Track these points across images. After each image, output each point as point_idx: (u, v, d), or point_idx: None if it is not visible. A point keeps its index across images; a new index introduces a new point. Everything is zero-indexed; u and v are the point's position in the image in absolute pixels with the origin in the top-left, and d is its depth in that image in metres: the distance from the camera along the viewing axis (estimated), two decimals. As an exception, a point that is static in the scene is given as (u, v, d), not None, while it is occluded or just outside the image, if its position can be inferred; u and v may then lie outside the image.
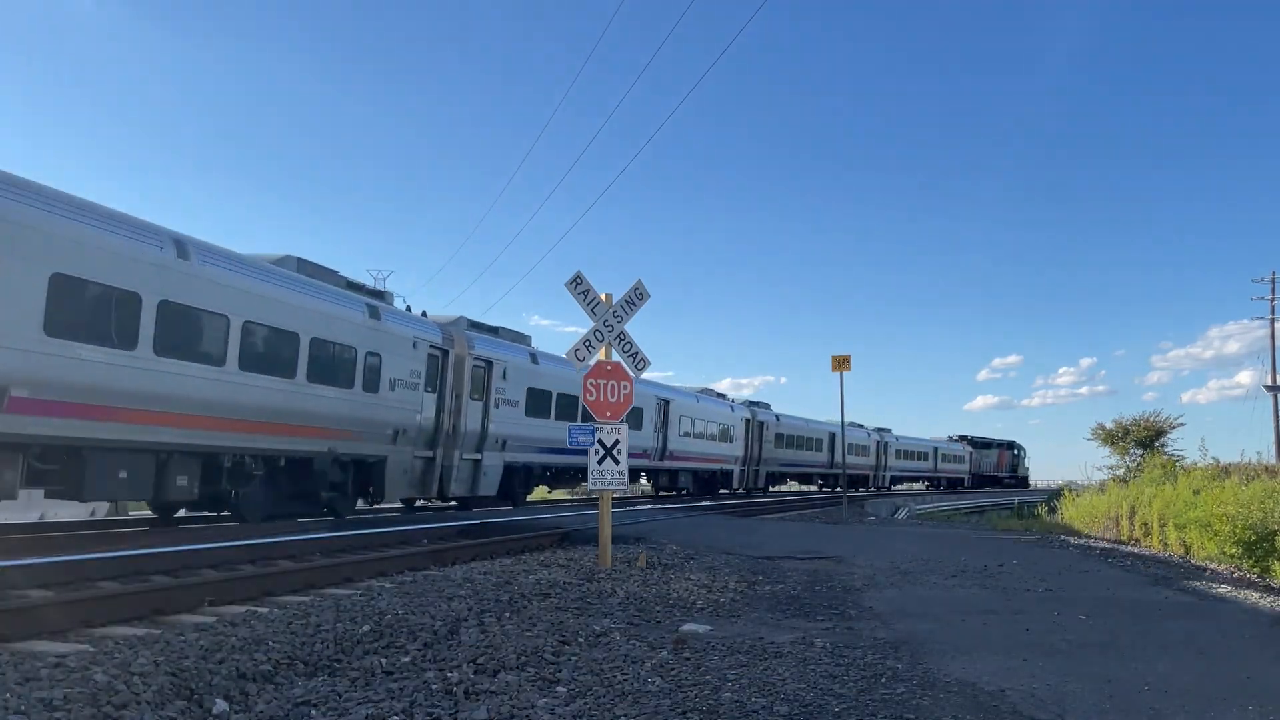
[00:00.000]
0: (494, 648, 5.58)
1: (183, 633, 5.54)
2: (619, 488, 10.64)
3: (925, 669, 5.46)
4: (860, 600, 8.42)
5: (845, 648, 6.06)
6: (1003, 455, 75.24)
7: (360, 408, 14.82)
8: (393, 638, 5.86)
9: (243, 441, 12.65)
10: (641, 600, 7.95)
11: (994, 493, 66.80)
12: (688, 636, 6.33)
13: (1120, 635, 6.85)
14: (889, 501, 42.26)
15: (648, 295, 11.02)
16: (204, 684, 4.52)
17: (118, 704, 4.05)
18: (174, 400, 11.39)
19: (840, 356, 24.51)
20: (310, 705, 4.36)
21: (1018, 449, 77.86)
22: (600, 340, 10.83)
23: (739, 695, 4.69)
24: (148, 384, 11.01)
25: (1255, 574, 13.49)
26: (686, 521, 17.11)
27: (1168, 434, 31.80)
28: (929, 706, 4.58)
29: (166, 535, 11.44)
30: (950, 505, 50.50)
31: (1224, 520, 15.13)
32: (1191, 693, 5.01)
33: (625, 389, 10.74)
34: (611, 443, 10.58)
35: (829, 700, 4.66)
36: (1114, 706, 4.68)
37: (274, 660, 5.07)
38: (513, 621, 6.53)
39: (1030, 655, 5.94)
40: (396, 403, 15.70)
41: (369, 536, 11.59)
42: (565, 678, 5.00)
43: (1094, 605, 8.38)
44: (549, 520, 14.84)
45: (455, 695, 4.57)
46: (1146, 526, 18.29)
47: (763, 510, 25.37)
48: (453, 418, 17.39)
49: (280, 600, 7.29)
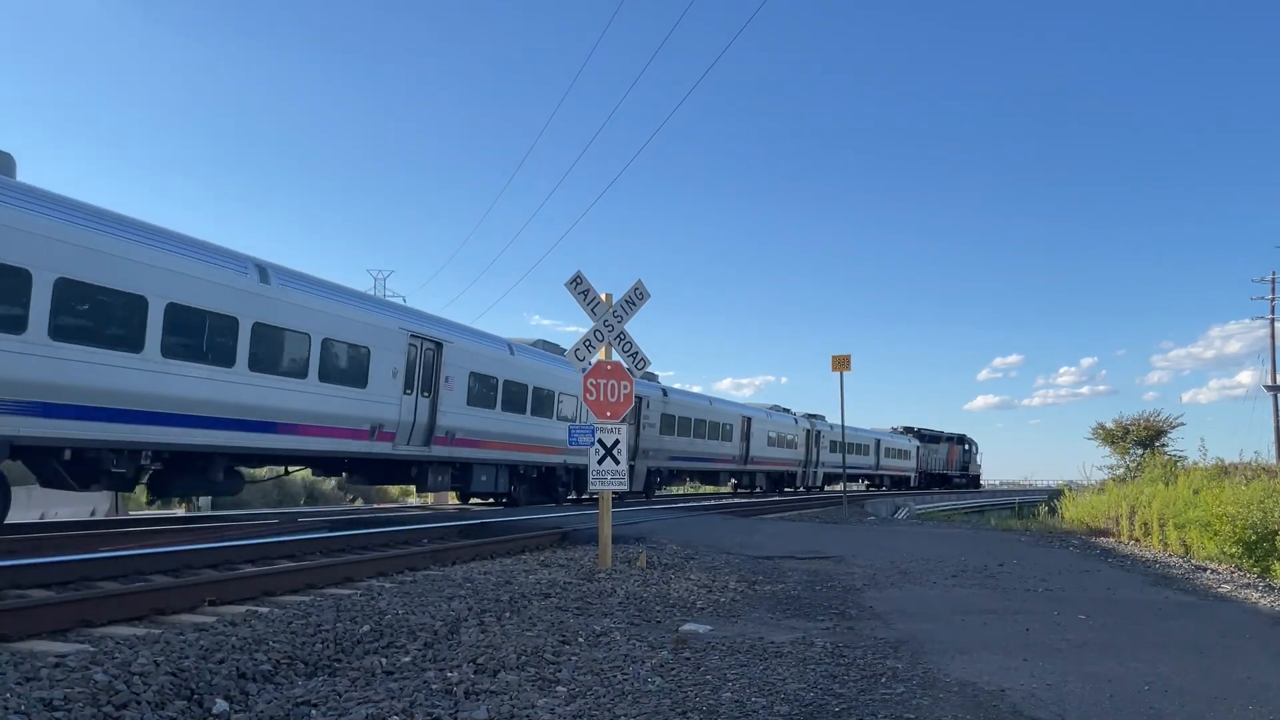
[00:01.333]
0: (494, 647, 5.58)
1: (183, 632, 5.53)
2: (619, 487, 10.64)
3: (925, 669, 5.46)
4: (860, 600, 8.41)
5: (845, 647, 6.06)
6: (953, 451, 65.80)
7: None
8: (393, 637, 5.86)
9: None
10: (642, 600, 7.95)
11: (951, 495, 57.55)
12: (688, 636, 6.33)
13: (1120, 635, 6.85)
14: (889, 501, 42.26)
15: (648, 295, 11.02)
16: (204, 684, 4.51)
17: (118, 704, 4.04)
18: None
19: (840, 356, 24.52)
20: (310, 705, 4.36)
21: (969, 444, 69.38)
22: (600, 340, 10.83)
23: (739, 695, 4.69)
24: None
25: (1255, 574, 13.48)
26: (686, 521, 17.10)
27: (1168, 434, 31.82)
28: (929, 706, 4.58)
29: (166, 535, 11.45)
30: (950, 505, 50.46)
31: (1224, 520, 15.11)
32: (1191, 693, 5.01)
33: (625, 389, 10.74)
34: (611, 442, 10.58)
35: (829, 700, 4.66)
36: (1114, 706, 4.68)
37: (274, 660, 5.06)
38: (513, 621, 6.53)
39: (1030, 655, 5.94)
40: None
41: (369, 536, 11.59)
42: (565, 677, 5.00)
43: (1094, 605, 8.38)
44: (549, 520, 14.84)
45: (455, 695, 4.57)
46: (1146, 526, 18.27)
47: (763, 510, 25.35)
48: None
49: (280, 600, 7.29)
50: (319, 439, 14.04)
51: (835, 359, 24.52)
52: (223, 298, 12.18)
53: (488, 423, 18.74)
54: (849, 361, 24.47)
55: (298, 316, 13.39)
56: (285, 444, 13.47)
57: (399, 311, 16.63)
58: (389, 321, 15.67)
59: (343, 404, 14.43)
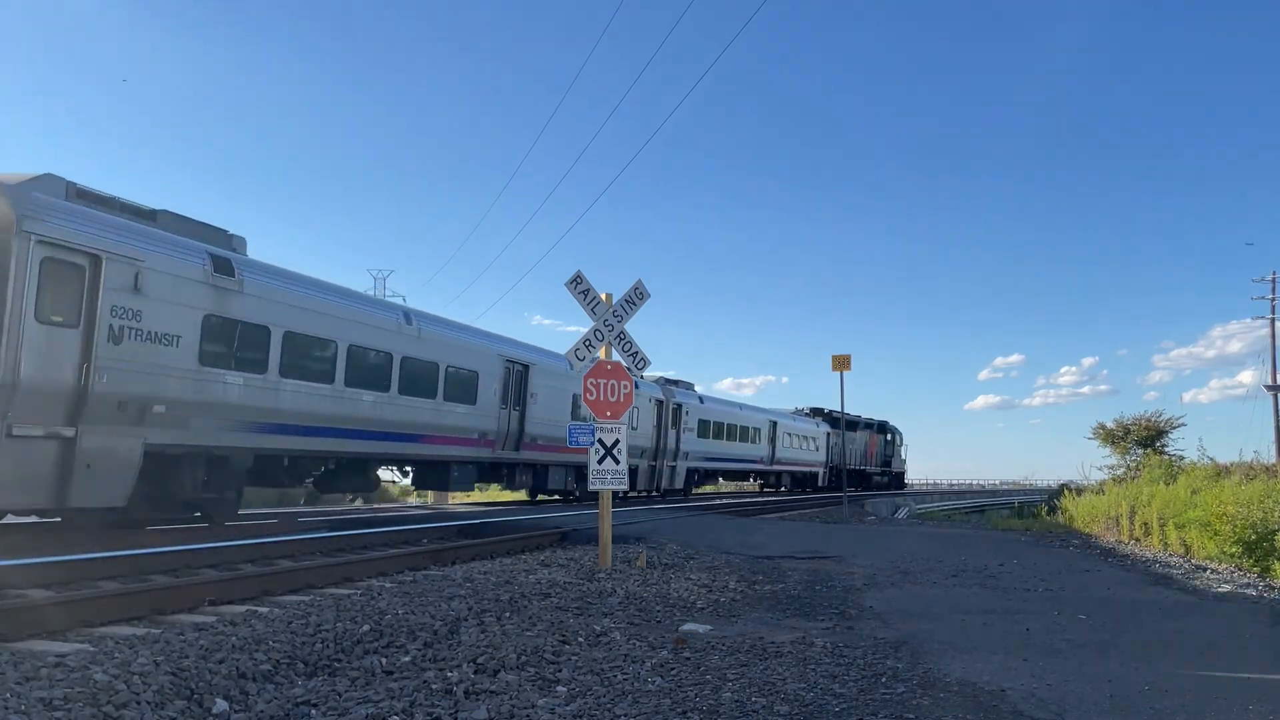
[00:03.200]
0: (494, 647, 5.58)
1: (183, 632, 5.53)
2: (619, 487, 10.64)
3: (925, 669, 5.46)
4: (860, 600, 8.41)
5: (845, 647, 6.06)
6: (872, 442, 50.53)
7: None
8: (393, 637, 5.86)
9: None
10: (642, 600, 7.95)
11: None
12: (688, 636, 6.33)
13: (1120, 635, 6.85)
14: (889, 501, 42.29)
15: (648, 295, 11.02)
16: (204, 683, 4.51)
17: (118, 703, 4.04)
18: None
19: (840, 356, 24.52)
20: (310, 705, 4.36)
21: (891, 433, 54.11)
22: (600, 340, 10.83)
23: (739, 695, 4.69)
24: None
25: (1255, 574, 13.48)
26: (687, 521, 17.10)
27: (1168, 434, 31.79)
28: (929, 706, 4.58)
29: (167, 535, 11.45)
30: (949, 505, 50.42)
31: (1224, 520, 15.11)
32: (1191, 693, 5.01)
33: (625, 389, 10.74)
34: (611, 442, 10.58)
35: (829, 700, 4.66)
36: (1114, 706, 4.68)
37: (274, 660, 5.06)
38: (513, 621, 6.53)
39: (1030, 655, 5.93)
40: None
41: (369, 536, 11.59)
42: (565, 677, 5.00)
43: (1094, 605, 8.38)
44: (549, 520, 14.84)
45: (455, 695, 4.57)
46: (1146, 526, 18.27)
47: (763, 510, 25.36)
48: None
49: (280, 600, 7.29)
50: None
51: (835, 359, 24.52)
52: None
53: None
54: (849, 361, 24.47)
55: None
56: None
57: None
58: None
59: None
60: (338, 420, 14.20)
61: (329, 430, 14.06)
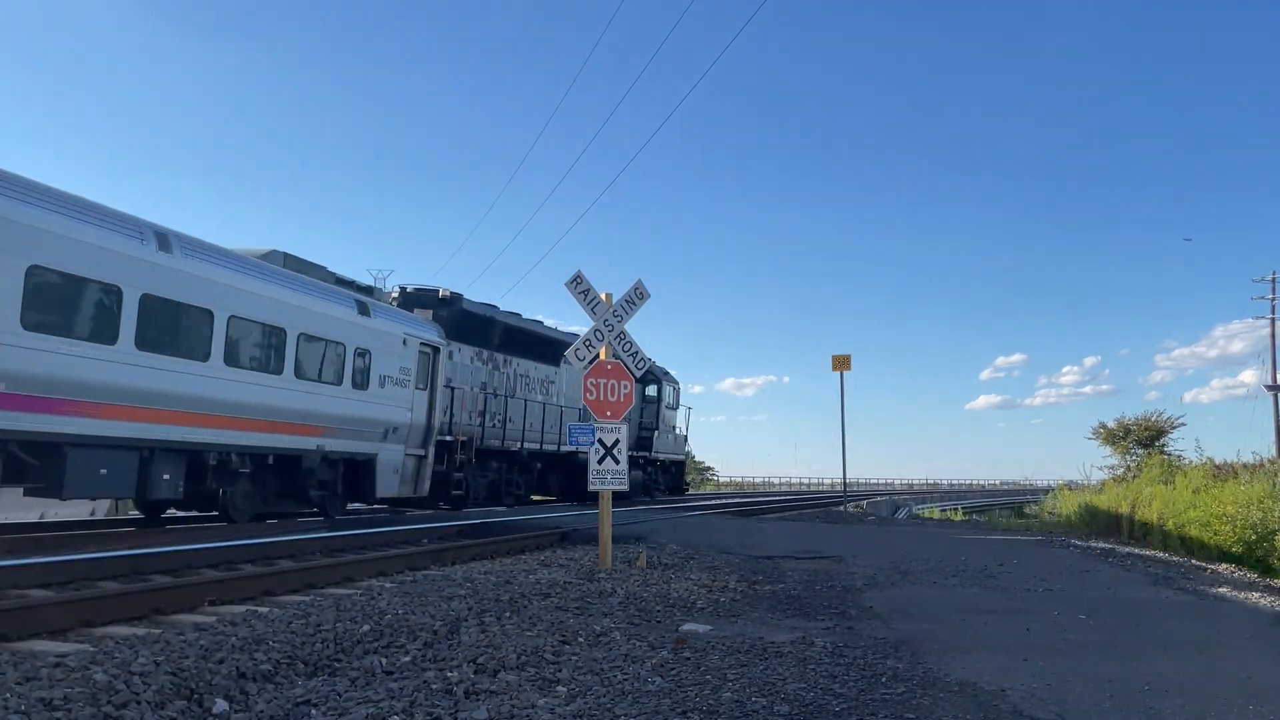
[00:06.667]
0: (494, 647, 5.57)
1: (183, 632, 5.53)
2: (619, 487, 10.63)
3: (925, 668, 5.45)
4: (860, 600, 8.41)
5: (845, 647, 6.06)
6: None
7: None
8: (393, 637, 5.85)
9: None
10: (642, 600, 7.95)
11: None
12: (688, 636, 6.33)
13: (1120, 635, 6.85)
14: (889, 500, 42.30)
15: (648, 295, 11.01)
16: (204, 683, 4.51)
17: (118, 703, 4.04)
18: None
19: (840, 356, 24.55)
20: (310, 705, 4.35)
21: (657, 383, 28.84)
22: (600, 340, 10.82)
23: (739, 695, 4.69)
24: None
25: (1255, 574, 13.48)
26: (686, 521, 17.10)
27: (1168, 434, 31.79)
28: (929, 706, 4.58)
29: (167, 535, 11.45)
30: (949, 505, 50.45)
31: (1224, 520, 15.11)
32: (1191, 692, 5.01)
33: (625, 388, 10.74)
34: (611, 442, 10.57)
35: (829, 700, 4.66)
36: (1114, 706, 4.68)
37: (274, 660, 5.06)
38: (513, 621, 6.53)
39: (1030, 655, 5.93)
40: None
41: (369, 536, 11.59)
42: (565, 677, 5.00)
43: (1094, 605, 8.38)
44: (549, 520, 14.84)
45: (455, 695, 4.57)
46: (1146, 526, 18.28)
47: (763, 510, 25.37)
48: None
49: (280, 600, 7.29)
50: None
51: (835, 359, 24.55)
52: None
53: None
54: (849, 361, 24.49)
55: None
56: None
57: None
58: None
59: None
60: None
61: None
